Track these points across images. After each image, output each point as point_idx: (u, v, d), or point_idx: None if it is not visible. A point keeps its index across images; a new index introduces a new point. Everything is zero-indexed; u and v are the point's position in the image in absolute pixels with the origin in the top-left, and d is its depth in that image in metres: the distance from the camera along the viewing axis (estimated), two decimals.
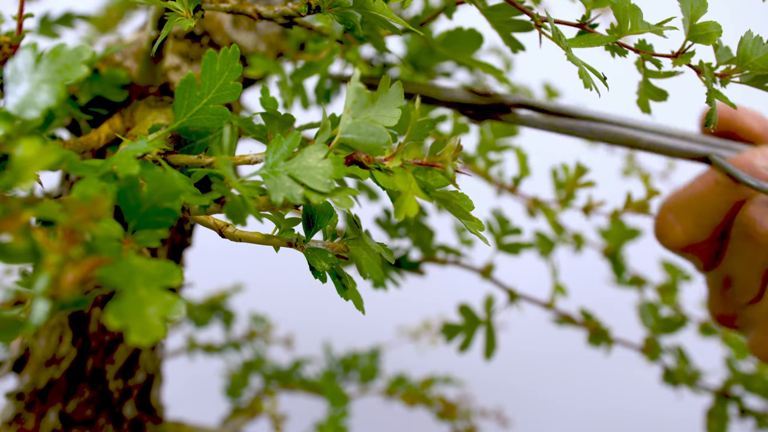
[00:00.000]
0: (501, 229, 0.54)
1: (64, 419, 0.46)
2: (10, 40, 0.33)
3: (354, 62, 0.45)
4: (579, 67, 0.32)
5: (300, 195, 0.26)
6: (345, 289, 0.33)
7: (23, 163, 0.21)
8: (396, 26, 0.32)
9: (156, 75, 0.40)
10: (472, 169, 0.57)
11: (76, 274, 0.20)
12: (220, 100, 0.31)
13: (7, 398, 0.47)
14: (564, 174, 0.52)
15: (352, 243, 0.33)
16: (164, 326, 0.20)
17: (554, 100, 0.43)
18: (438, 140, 0.29)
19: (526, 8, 0.35)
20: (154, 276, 0.22)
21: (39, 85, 0.25)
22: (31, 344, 0.46)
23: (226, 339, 0.80)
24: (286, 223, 0.32)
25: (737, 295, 0.42)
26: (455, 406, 0.73)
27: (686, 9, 0.32)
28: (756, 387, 0.62)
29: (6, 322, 0.24)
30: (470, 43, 0.44)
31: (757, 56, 0.33)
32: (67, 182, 0.46)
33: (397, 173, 0.28)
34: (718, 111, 0.37)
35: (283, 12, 0.34)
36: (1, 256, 0.20)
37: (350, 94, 0.27)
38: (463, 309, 0.57)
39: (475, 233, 0.30)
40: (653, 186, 0.49)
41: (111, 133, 0.37)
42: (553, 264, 0.61)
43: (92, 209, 0.21)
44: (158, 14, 0.35)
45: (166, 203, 0.25)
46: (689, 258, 0.44)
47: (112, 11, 0.69)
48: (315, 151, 0.28)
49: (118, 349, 0.47)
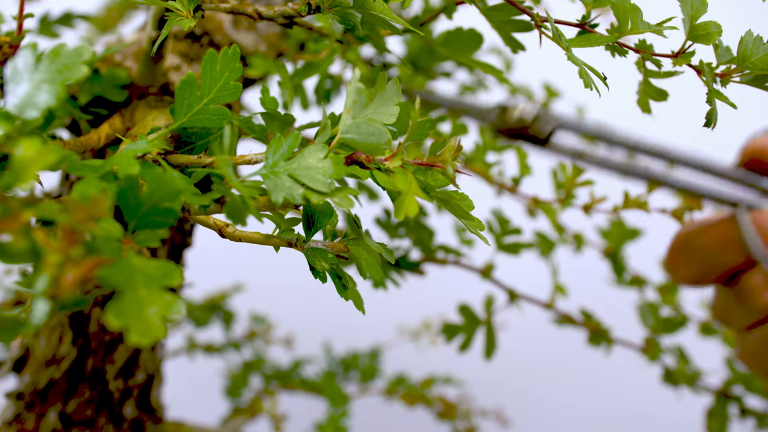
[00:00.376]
0: (501, 229, 0.54)
1: (64, 419, 0.46)
2: (10, 40, 0.33)
3: (354, 62, 0.46)
4: (579, 67, 0.32)
5: (300, 195, 0.26)
6: (345, 289, 0.33)
7: (23, 163, 0.21)
8: (396, 26, 0.32)
9: (156, 75, 0.40)
10: (472, 169, 0.57)
11: (76, 274, 0.20)
12: (221, 100, 0.31)
13: (7, 398, 0.47)
14: (562, 174, 0.52)
15: (352, 243, 0.33)
16: (164, 326, 0.20)
17: (593, 121, 0.37)
18: (438, 140, 0.29)
19: (526, 8, 0.35)
20: (154, 276, 0.22)
21: (39, 85, 0.25)
22: (31, 344, 0.46)
23: (226, 339, 0.80)
24: (286, 223, 0.32)
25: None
26: (455, 406, 0.73)
27: (686, 9, 0.32)
28: (756, 387, 0.62)
29: (6, 322, 0.24)
30: (470, 43, 0.44)
31: (757, 56, 0.33)
32: (67, 182, 0.46)
33: (397, 173, 0.28)
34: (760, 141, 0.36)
35: (284, 12, 0.34)
36: (2, 256, 0.20)
37: (350, 94, 0.27)
38: (463, 309, 0.57)
39: (475, 233, 0.30)
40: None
41: (111, 133, 0.37)
42: (553, 264, 0.61)
43: (92, 209, 0.21)
44: (158, 14, 0.35)
45: (166, 203, 0.25)
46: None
47: (112, 11, 0.69)
48: (315, 151, 0.28)
49: (118, 349, 0.47)
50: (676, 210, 0.46)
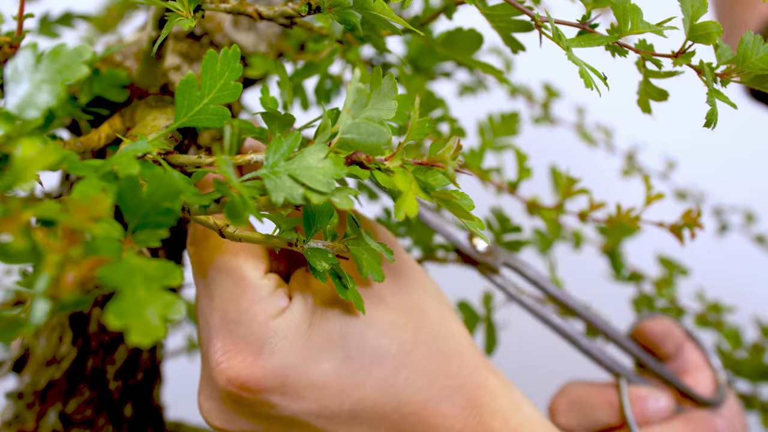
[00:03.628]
0: (501, 227, 0.54)
1: (64, 419, 0.46)
2: (11, 40, 0.33)
3: (354, 62, 0.45)
4: (579, 67, 0.32)
5: (300, 195, 0.26)
6: (345, 288, 0.33)
7: (23, 163, 0.21)
8: (396, 26, 0.32)
9: (156, 75, 0.40)
10: (471, 169, 0.57)
11: (77, 274, 0.20)
12: (221, 100, 0.31)
13: (7, 398, 0.47)
14: (557, 182, 0.53)
15: (352, 243, 0.33)
16: (164, 326, 0.20)
17: (543, 282, 0.51)
18: (437, 140, 0.29)
19: (526, 8, 0.35)
20: (154, 276, 0.22)
21: (39, 85, 0.25)
22: (31, 344, 0.46)
23: None
24: (286, 223, 0.32)
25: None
26: None
27: (686, 9, 0.32)
28: (745, 371, 0.66)
29: (6, 322, 0.24)
30: (470, 43, 0.44)
31: (758, 56, 0.33)
32: (67, 182, 0.46)
33: (398, 173, 0.28)
34: (654, 329, 0.50)
35: (284, 12, 0.34)
36: (2, 256, 0.20)
37: (350, 94, 0.27)
38: (463, 306, 0.57)
39: (475, 232, 0.30)
40: (652, 185, 0.49)
41: (111, 133, 0.37)
42: (551, 260, 0.61)
43: (92, 209, 0.21)
44: (158, 14, 0.35)
45: (166, 203, 0.25)
46: None
47: (112, 11, 0.69)
48: (315, 151, 0.28)
49: (118, 349, 0.47)
50: (674, 225, 0.46)
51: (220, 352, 0.33)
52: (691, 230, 0.45)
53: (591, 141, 0.79)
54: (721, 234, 0.89)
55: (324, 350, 0.34)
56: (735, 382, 0.67)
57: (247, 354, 0.33)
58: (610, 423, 0.48)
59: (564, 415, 0.49)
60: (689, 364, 0.51)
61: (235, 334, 0.33)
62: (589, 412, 0.48)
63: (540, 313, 0.48)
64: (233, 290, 0.34)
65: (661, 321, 0.51)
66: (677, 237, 0.46)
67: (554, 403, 0.50)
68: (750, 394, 0.66)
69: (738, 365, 0.66)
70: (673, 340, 0.51)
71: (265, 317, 0.34)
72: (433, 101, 0.49)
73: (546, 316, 0.48)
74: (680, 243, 0.46)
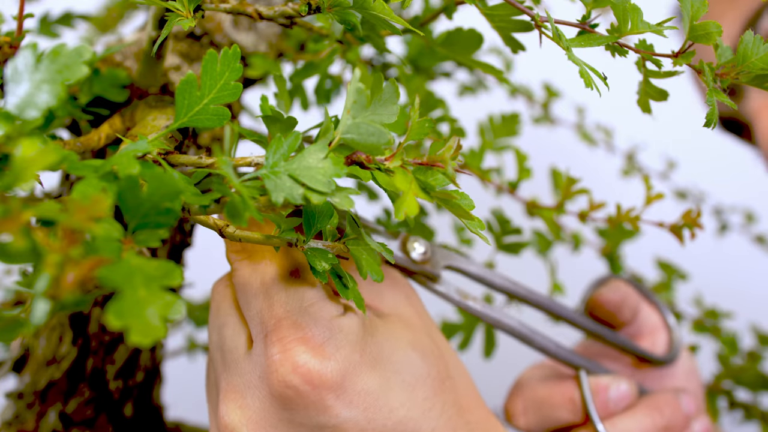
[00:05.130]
0: (501, 229, 0.54)
1: (64, 419, 0.46)
2: (11, 40, 0.33)
3: (354, 62, 0.45)
4: (579, 67, 0.32)
5: (300, 195, 0.26)
6: (346, 288, 0.33)
7: (23, 163, 0.21)
8: (396, 26, 0.32)
9: (156, 75, 0.40)
10: (471, 169, 0.57)
11: (77, 274, 0.20)
12: (221, 100, 0.31)
13: (7, 398, 0.47)
14: (556, 182, 0.53)
15: (352, 243, 0.33)
16: (164, 326, 0.20)
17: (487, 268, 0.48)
18: (437, 140, 0.29)
19: (526, 8, 0.35)
20: (154, 276, 0.22)
21: (39, 85, 0.25)
22: (31, 344, 0.46)
23: None
24: (286, 223, 0.32)
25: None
26: None
27: (686, 9, 0.32)
28: (745, 380, 0.65)
29: (6, 322, 0.24)
30: (470, 43, 0.44)
31: (758, 56, 0.33)
32: (67, 182, 0.46)
33: (398, 173, 0.28)
34: (609, 298, 0.48)
35: (284, 12, 0.34)
36: (2, 256, 0.20)
37: (350, 94, 0.27)
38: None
39: (475, 232, 0.30)
40: (652, 185, 0.49)
41: (111, 133, 0.37)
42: (551, 262, 0.61)
43: (92, 209, 0.21)
44: (158, 14, 0.35)
45: (166, 203, 0.25)
46: None
47: (112, 11, 0.69)
48: (315, 151, 0.28)
49: (118, 349, 0.47)
50: (674, 225, 0.46)
51: (287, 339, 0.33)
52: (691, 230, 0.45)
53: (591, 141, 0.79)
54: (721, 234, 0.89)
55: (377, 360, 0.35)
56: (735, 390, 0.66)
57: (315, 344, 0.33)
58: (573, 421, 0.45)
59: (522, 416, 0.46)
60: (645, 327, 0.50)
61: (301, 324, 0.33)
62: (549, 411, 0.46)
63: (489, 316, 0.45)
64: (299, 286, 0.35)
65: (615, 287, 0.49)
66: (677, 237, 0.46)
67: (510, 404, 0.48)
68: (750, 403, 0.65)
69: (738, 374, 0.65)
70: (630, 306, 0.49)
71: (330, 315, 0.34)
72: (433, 101, 0.49)
73: (496, 319, 0.45)
74: (680, 243, 0.46)
